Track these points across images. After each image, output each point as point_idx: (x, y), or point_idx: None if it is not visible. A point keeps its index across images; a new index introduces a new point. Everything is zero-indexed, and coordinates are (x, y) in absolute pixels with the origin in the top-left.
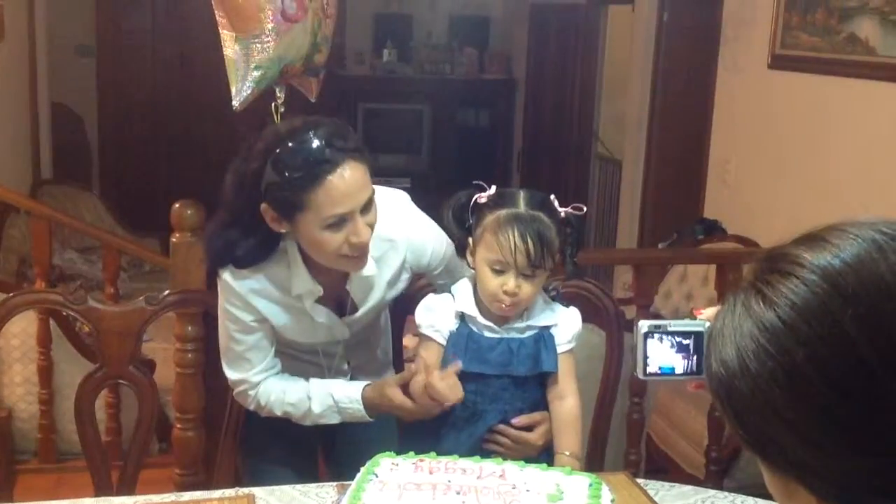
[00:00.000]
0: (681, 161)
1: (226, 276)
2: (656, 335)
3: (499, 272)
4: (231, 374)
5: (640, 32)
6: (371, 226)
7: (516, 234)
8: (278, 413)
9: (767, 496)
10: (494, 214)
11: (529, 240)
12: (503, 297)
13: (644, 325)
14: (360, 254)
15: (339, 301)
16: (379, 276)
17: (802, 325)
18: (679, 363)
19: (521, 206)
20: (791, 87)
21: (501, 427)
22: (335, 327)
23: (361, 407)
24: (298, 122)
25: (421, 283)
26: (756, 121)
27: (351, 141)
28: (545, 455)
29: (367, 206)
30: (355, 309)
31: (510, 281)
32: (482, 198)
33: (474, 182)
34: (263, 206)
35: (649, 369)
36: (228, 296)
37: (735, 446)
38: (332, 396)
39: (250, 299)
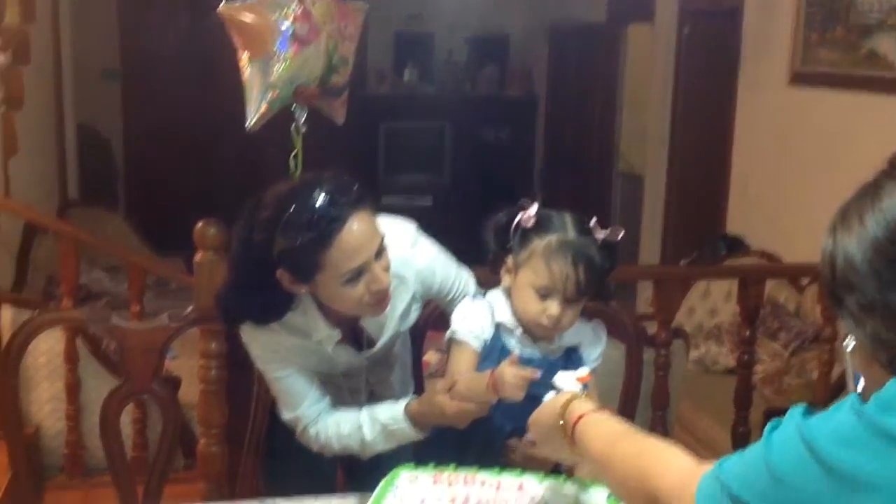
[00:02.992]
0: (703, 177)
1: (245, 326)
2: None
3: (544, 297)
4: (286, 414)
5: (660, 50)
6: (387, 269)
7: (569, 262)
8: (337, 448)
9: None
10: (544, 240)
11: (581, 268)
12: (546, 321)
13: (850, 343)
14: (381, 298)
15: (355, 336)
16: (391, 312)
17: None
18: None
19: (570, 232)
20: (812, 104)
21: (513, 442)
22: (354, 360)
23: (406, 425)
24: (297, 182)
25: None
26: (777, 137)
27: (353, 192)
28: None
29: (380, 251)
30: (372, 343)
31: (555, 307)
32: (529, 221)
33: (521, 201)
34: (279, 272)
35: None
36: (252, 343)
37: None
38: (379, 420)
39: (272, 346)
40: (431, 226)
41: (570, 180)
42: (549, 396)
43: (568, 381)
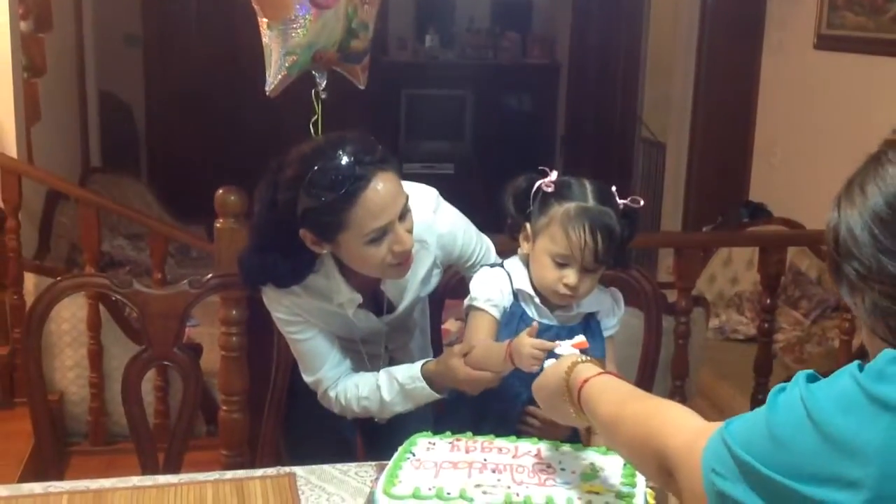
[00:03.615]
0: (726, 143)
1: (267, 289)
2: None
3: (561, 265)
4: (308, 377)
5: (684, 14)
6: (410, 231)
7: (587, 230)
8: (357, 410)
9: None
10: (563, 207)
11: (599, 236)
12: (563, 289)
13: None
14: (404, 259)
15: (375, 300)
16: (412, 276)
17: None
18: None
19: (590, 200)
20: (837, 68)
21: (532, 409)
22: (375, 325)
23: (423, 384)
24: (322, 141)
25: (455, 271)
26: (802, 102)
27: (377, 152)
28: (575, 436)
29: (404, 213)
30: (392, 308)
31: (572, 275)
32: (548, 186)
33: (540, 168)
34: (302, 231)
35: None
36: (275, 305)
37: None
38: (397, 380)
39: (294, 309)
40: (453, 193)
41: (593, 148)
42: (550, 363)
43: (566, 348)
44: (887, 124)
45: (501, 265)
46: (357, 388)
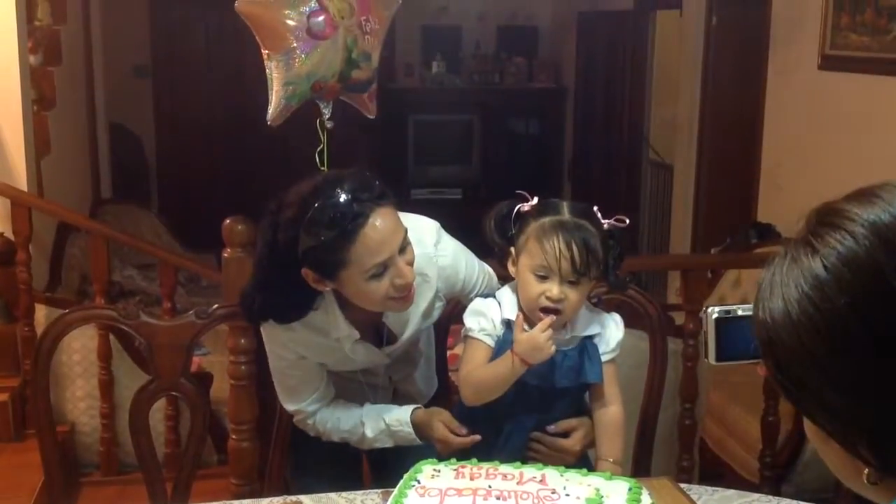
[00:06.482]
0: (733, 164)
1: (266, 324)
2: (726, 321)
3: (542, 278)
4: (288, 405)
5: (688, 37)
6: (411, 263)
7: (561, 240)
8: (335, 439)
9: (827, 501)
10: (539, 222)
11: (574, 246)
12: (545, 302)
13: (714, 310)
14: (405, 293)
15: (377, 332)
16: (414, 309)
17: (846, 274)
18: (748, 347)
19: (566, 214)
20: (842, 88)
21: (538, 434)
22: (376, 358)
23: (411, 430)
24: (320, 180)
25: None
26: (807, 122)
27: (375, 189)
28: (584, 461)
29: (404, 246)
30: (394, 339)
31: (554, 288)
32: (525, 207)
33: (517, 192)
34: (304, 270)
35: (721, 354)
36: (271, 339)
37: (792, 451)
38: (384, 421)
39: (291, 345)
40: (461, 219)
41: (600, 171)
42: None
43: None
44: (892, 143)
45: (494, 296)
46: (339, 422)
